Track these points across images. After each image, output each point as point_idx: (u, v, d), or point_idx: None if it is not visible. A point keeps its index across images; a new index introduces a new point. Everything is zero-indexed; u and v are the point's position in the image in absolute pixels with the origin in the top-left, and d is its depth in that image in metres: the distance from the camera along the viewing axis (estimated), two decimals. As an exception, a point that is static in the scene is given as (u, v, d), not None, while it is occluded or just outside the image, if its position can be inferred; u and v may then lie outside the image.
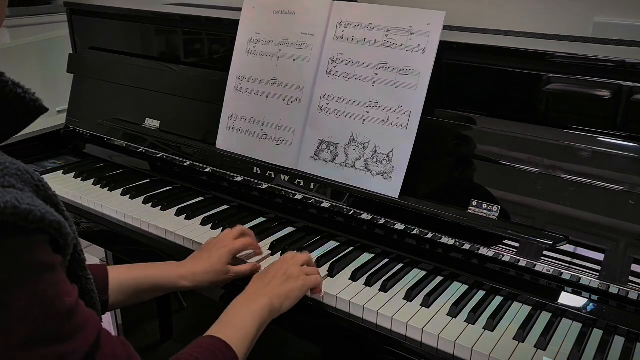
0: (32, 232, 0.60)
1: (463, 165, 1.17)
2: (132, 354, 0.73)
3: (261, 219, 1.38)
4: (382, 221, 1.22)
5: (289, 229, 1.34)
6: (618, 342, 0.98)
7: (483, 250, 1.11)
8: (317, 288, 1.08)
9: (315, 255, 1.21)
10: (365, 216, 1.25)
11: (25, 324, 0.59)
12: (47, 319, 0.61)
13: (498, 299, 1.08)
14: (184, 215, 1.38)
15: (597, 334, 0.99)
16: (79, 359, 0.63)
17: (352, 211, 1.26)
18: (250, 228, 1.32)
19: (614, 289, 1.00)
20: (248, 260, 1.19)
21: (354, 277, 1.13)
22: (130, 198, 1.48)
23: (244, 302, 0.97)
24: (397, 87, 1.20)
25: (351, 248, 1.25)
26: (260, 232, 1.30)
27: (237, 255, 1.17)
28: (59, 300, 0.62)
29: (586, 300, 1.04)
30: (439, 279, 1.14)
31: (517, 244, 1.09)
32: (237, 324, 0.92)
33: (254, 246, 1.20)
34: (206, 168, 1.49)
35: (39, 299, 0.60)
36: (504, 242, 1.10)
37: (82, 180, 1.60)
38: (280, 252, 1.22)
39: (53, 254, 0.64)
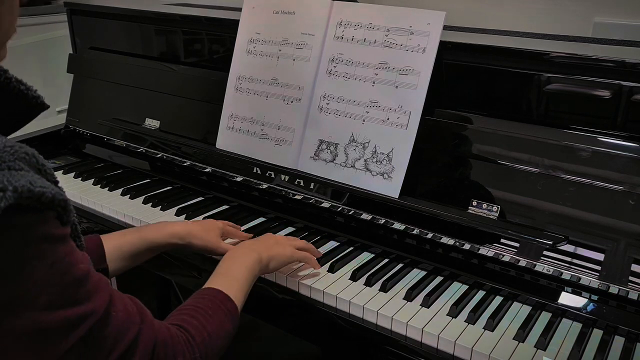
0: (43, 210, 0.65)
1: (463, 165, 1.17)
2: (142, 309, 0.77)
3: (261, 219, 1.38)
4: (382, 221, 1.22)
5: (289, 229, 1.34)
6: (618, 342, 0.98)
7: (483, 250, 1.11)
8: (311, 261, 1.13)
9: (315, 255, 1.21)
10: (365, 216, 1.25)
11: (47, 291, 0.64)
12: (66, 285, 0.66)
13: (498, 299, 1.09)
14: (184, 215, 1.38)
15: (597, 334, 0.99)
16: (98, 317, 0.69)
17: (352, 211, 1.26)
18: (250, 228, 1.32)
19: (614, 289, 1.00)
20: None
21: (354, 277, 1.13)
22: (130, 198, 1.48)
23: (235, 257, 1.03)
24: (397, 87, 1.20)
25: (351, 248, 1.25)
26: (260, 232, 1.29)
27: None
28: (74, 267, 0.67)
29: (586, 300, 1.04)
30: (439, 279, 1.14)
31: (517, 244, 1.09)
32: (232, 276, 0.97)
33: (241, 236, 1.25)
34: (206, 168, 1.49)
35: (57, 268, 0.65)
36: (504, 242, 1.10)
37: (82, 180, 1.60)
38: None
39: (62, 227, 0.68)
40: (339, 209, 1.28)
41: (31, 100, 0.75)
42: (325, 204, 1.29)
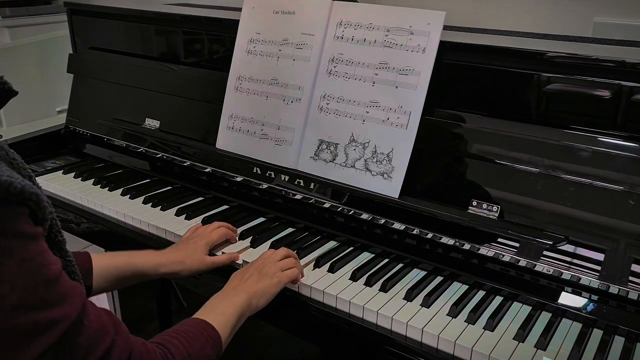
0: (13, 204, 0.63)
1: (463, 165, 1.17)
2: (117, 321, 0.76)
3: (261, 219, 1.38)
4: (382, 221, 1.22)
5: (289, 229, 1.34)
6: (618, 342, 0.98)
7: (483, 250, 1.11)
8: (296, 279, 1.12)
9: (315, 255, 1.21)
10: (365, 216, 1.25)
11: (17, 290, 0.62)
12: (36, 286, 0.64)
13: (498, 299, 1.09)
14: (184, 215, 1.38)
15: (597, 334, 0.99)
16: (69, 324, 0.67)
17: (352, 211, 1.26)
18: (250, 228, 1.32)
19: (614, 289, 1.00)
20: (225, 251, 1.24)
21: (354, 277, 1.13)
22: (130, 198, 1.48)
23: (224, 295, 1.02)
24: (397, 87, 1.20)
25: (351, 248, 1.25)
26: (260, 232, 1.30)
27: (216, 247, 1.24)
28: (45, 267, 0.66)
29: (586, 300, 1.04)
30: (439, 279, 1.14)
31: (517, 244, 1.09)
32: (219, 311, 0.96)
33: (229, 235, 1.26)
34: (206, 168, 1.49)
35: (27, 267, 0.63)
36: (504, 242, 1.10)
37: (82, 180, 1.60)
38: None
39: (34, 225, 0.66)
40: (339, 209, 1.28)
41: None
42: (326, 204, 1.29)
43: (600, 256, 1.02)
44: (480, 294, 1.10)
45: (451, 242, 1.15)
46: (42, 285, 0.65)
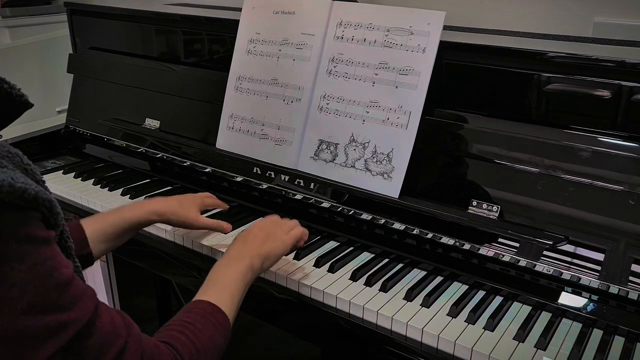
0: (26, 210, 0.63)
1: (463, 165, 1.17)
2: (129, 323, 0.75)
3: (261, 219, 1.38)
4: (382, 221, 1.22)
5: (289, 229, 1.33)
6: (618, 342, 0.98)
7: (483, 250, 1.11)
8: (301, 240, 1.12)
9: (315, 255, 1.21)
10: (366, 216, 1.25)
11: (28, 294, 0.62)
12: (48, 289, 0.64)
13: (498, 299, 1.09)
14: (184, 215, 1.38)
15: (597, 334, 0.99)
16: (80, 326, 0.67)
17: (352, 211, 1.26)
18: (250, 228, 1.32)
19: (614, 289, 1.00)
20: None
21: (354, 277, 1.13)
22: (130, 198, 1.48)
23: (227, 263, 1.00)
24: (397, 87, 1.21)
25: (351, 248, 1.25)
26: (260, 232, 1.30)
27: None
28: (57, 272, 0.65)
29: (586, 300, 1.04)
30: (439, 279, 1.14)
31: (517, 244, 1.09)
32: (223, 286, 0.94)
33: (220, 205, 1.32)
34: (206, 168, 1.49)
35: (38, 271, 0.63)
36: (504, 242, 1.10)
37: (82, 180, 1.60)
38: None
39: (46, 229, 0.66)
40: (339, 209, 1.28)
41: (15, 99, 0.74)
42: (325, 204, 1.29)
43: (600, 256, 1.02)
44: (480, 294, 1.10)
45: (451, 242, 1.15)
46: (54, 289, 0.65)
